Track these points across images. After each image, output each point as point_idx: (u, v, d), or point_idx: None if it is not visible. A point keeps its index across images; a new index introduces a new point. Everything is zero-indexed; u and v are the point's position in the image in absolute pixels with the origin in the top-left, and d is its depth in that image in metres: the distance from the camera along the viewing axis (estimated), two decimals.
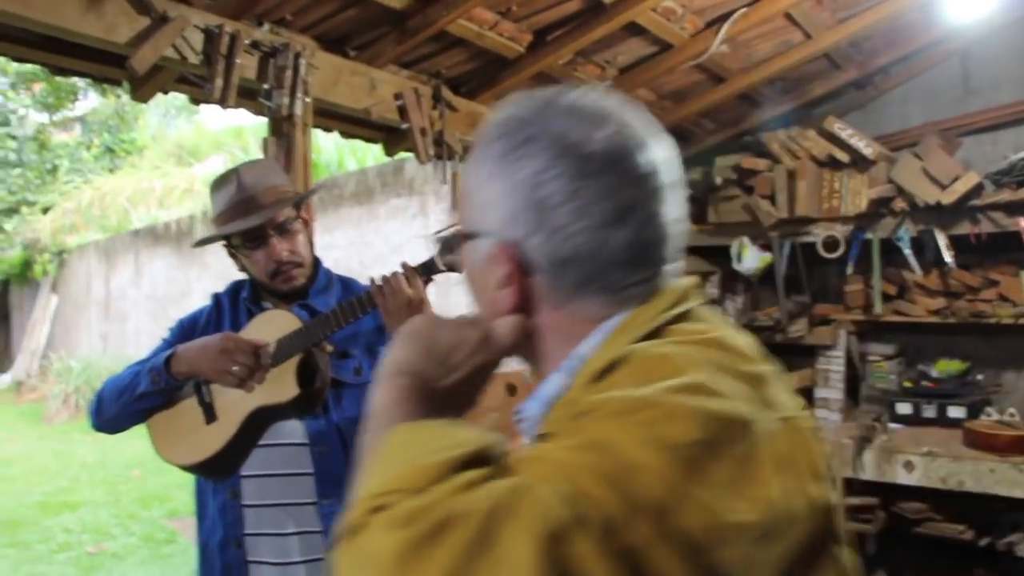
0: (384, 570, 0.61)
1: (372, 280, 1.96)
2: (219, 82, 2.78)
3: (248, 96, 3.09)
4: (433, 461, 0.69)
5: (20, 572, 5.34)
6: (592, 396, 0.75)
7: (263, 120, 3.14)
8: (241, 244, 2.09)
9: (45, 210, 14.66)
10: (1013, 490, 3.61)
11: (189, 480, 2.17)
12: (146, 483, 7.66)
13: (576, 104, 0.88)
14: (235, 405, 2.00)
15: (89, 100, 17.80)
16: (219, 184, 2.13)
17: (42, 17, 2.48)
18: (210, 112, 20.16)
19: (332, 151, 12.82)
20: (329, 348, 2.05)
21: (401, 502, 0.65)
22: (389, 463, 0.73)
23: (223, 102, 2.80)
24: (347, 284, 2.25)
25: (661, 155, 0.89)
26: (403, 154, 3.84)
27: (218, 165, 14.14)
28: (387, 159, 8.75)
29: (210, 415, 2.03)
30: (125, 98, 17.07)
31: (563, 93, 0.90)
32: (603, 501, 0.63)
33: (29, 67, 14.71)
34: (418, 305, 1.92)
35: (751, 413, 0.74)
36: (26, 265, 15.25)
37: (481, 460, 0.69)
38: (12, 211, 14.95)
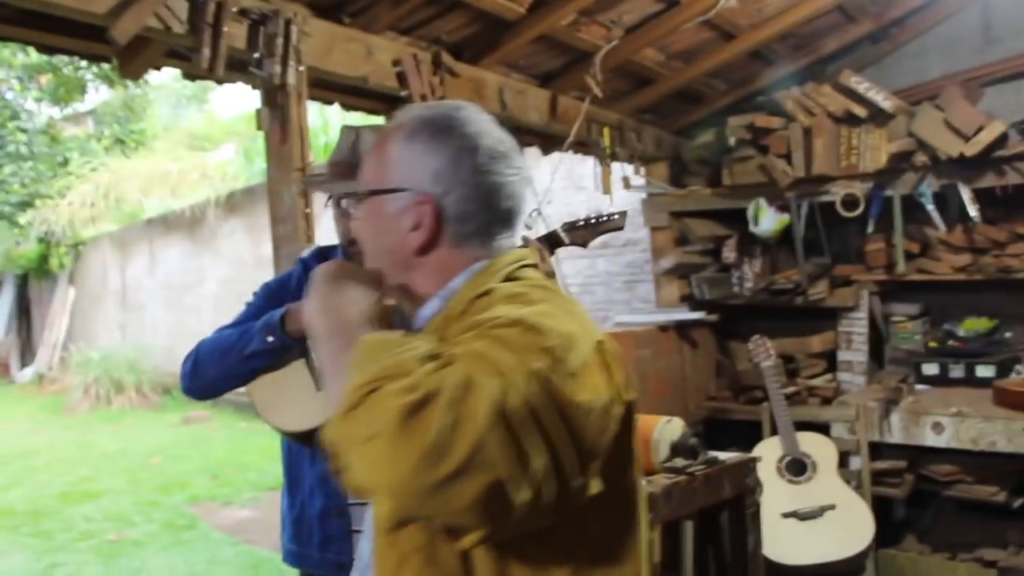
0: (392, 424, 0.90)
1: None
2: (206, 52, 2.67)
3: (240, 68, 2.98)
4: (409, 356, 0.98)
5: (43, 561, 5.33)
6: (478, 315, 1.08)
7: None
8: (334, 203, 2.03)
9: (62, 194, 14.65)
10: None
11: (208, 467, 2.09)
12: (166, 470, 7.65)
13: (480, 113, 1.23)
14: None
15: (100, 93, 17.79)
16: (342, 135, 2.08)
17: None
18: (221, 100, 20.10)
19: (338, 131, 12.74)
20: None
21: (394, 382, 0.93)
22: (369, 362, 0.99)
23: (212, 72, 2.70)
24: None
25: (527, 161, 1.27)
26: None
27: (230, 152, 14.11)
28: None
29: (320, 380, 1.95)
30: (134, 89, 17.05)
31: (466, 105, 1.25)
32: (517, 377, 0.95)
33: (35, 59, 14.69)
34: (551, 278, 1.90)
35: (582, 332, 1.08)
36: (43, 258, 15.27)
37: (434, 356, 0.99)
38: (26, 204, 14.95)
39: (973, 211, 4.13)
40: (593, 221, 1.99)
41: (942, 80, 4.62)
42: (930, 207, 4.26)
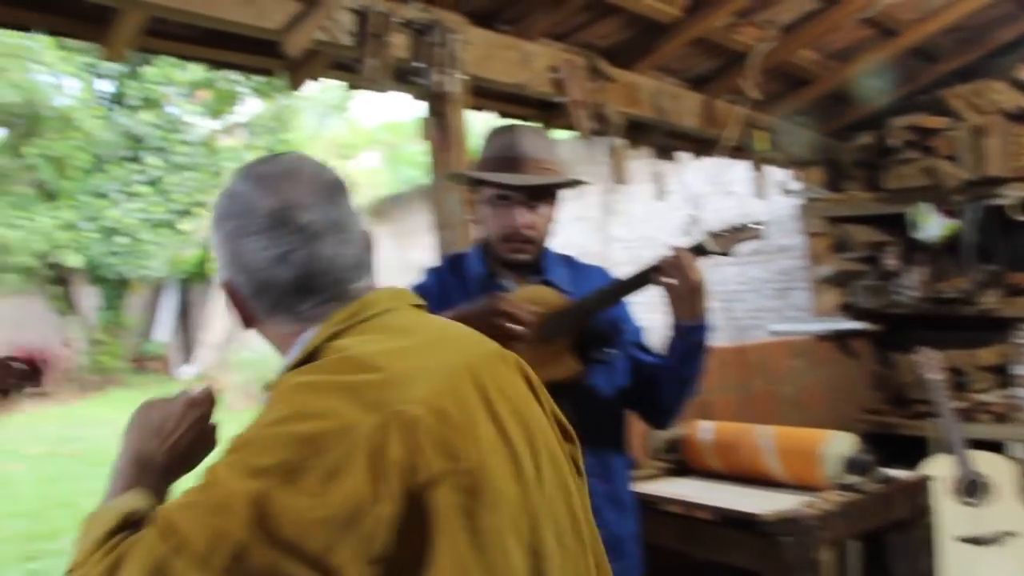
0: None
1: (657, 260, 1.89)
2: (371, 62, 2.74)
3: (402, 78, 3.04)
4: (90, 541, 0.96)
5: None
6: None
7: (414, 114, 3.08)
8: (493, 197, 2.00)
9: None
10: None
11: None
12: None
13: (260, 172, 1.13)
14: None
15: (253, 105, 18.66)
16: (496, 134, 2.07)
17: (200, 9, 2.50)
18: (363, 109, 20.67)
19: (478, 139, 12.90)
20: (605, 324, 2.01)
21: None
22: (76, 548, 0.98)
23: (377, 83, 2.76)
24: (572, 261, 2.15)
25: (319, 210, 1.12)
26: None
27: (373, 160, 14.51)
28: None
29: None
30: (283, 100, 17.81)
31: (260, 161, 1.17)
32: (196, 531, 0.89)
33: (195, 75, 15.54)
34: (699, 286, 1.86)
35: (341, 423, 0.94)
36: (202, 263, 16.14)
37: (127, 524, 0.96)
38: (187, 212, 15.84)
39: None
40: (733, 230, 1.90)
41: None
42: None
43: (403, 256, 10.55)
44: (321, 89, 23.18)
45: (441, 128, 2.95)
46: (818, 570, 2.37)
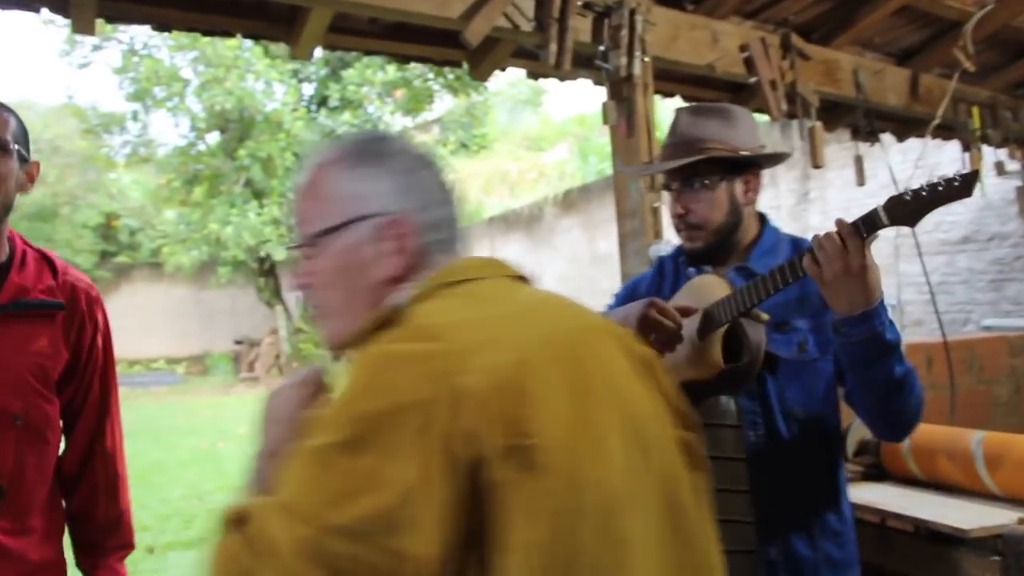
0: None
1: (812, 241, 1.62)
2: (553, 47, 2.69)
3: (584, 64, 2.98)
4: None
5: None
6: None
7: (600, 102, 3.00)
8: (666, 189, 1.90)
9: None
10: None
11: None
12: None
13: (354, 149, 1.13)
14: None
15: (446, 102, 19.20)
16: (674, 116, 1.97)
17: (382, 2, 2.54)
18: (554, 102, 20.86)
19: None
20: (764, 317, 1.75)
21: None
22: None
23: (559, 67, 2.71)
24: (797, 244, 1.91)
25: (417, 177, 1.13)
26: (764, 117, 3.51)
27: (564, 152, 14.56)
28: None
29: None
30: (476, 96, 18.22)
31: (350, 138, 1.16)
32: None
33: (392, 76, 16.16)
34: (859, 271, 1.55)
35: (404, 398, 0.88)
36: None
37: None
38: None
39: None
40: (925, 191, 1.51)
41: None
42: None
43: (592, 246, 10.53)
44: (512, 83, 23.62)
45: (625, 113, 2.86)
46: None
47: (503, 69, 3.59)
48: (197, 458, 8.50)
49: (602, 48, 2.82)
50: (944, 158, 5.35)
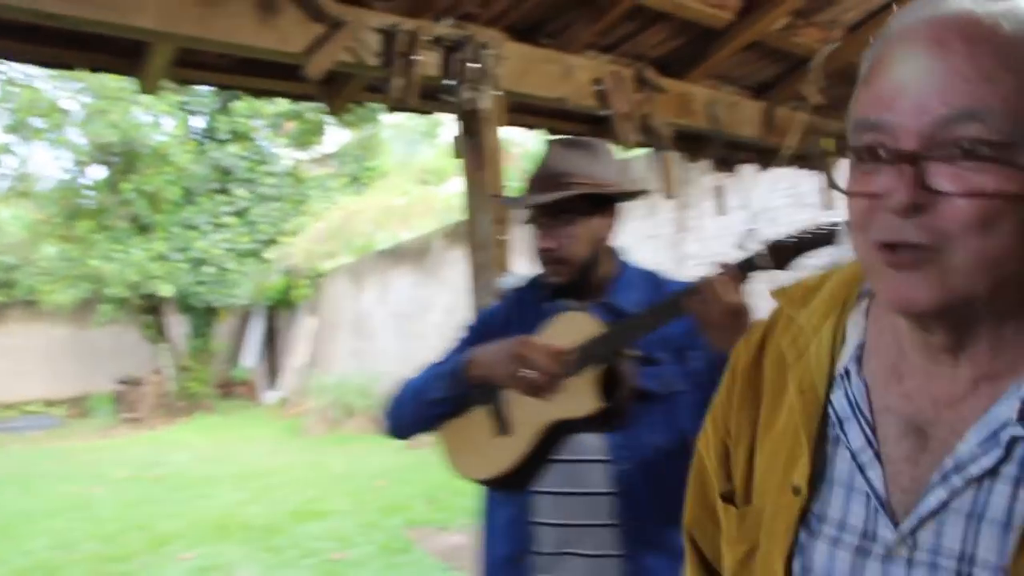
0: None
1: (691, 283, 1.70)
2: (399, 81, 2.66)
3: (436, 98, 2.96)
4: None
5: (271, 575, 5.62)
6: None
7: (509, 138, 2.98)
8: (529, 222, 1.90)
9: (300, 231, 15.84)
10: None
11: (427, 491, 2.00)
12: (389, 493, 7.87)
13: None
14: (531, 417, 1.81)
15: (340, 135, 19.04)
16: (542, 149, 1.99)
17: (221, 36, 2.46)
18: (451, 134, 20.93)
19: None
20: (636, 353, 1.80)
21: None
22: None
23: (405, 102, 2.68)
24: (657, 280, 1.96)
25: None
26: (628, 152, 3.56)
27: (459, 186, 14.59)
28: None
29: (503, 427, 1.86)
30: (369, 129, 18.11)
31: None
32: None
33: (283, 108, 15.93)
34: (741, 313, 1.63)
35: None
36: (286, 290, 16.47)
37: None
38: (272, 242, 16.23)
39: None
40: (795, 239, 1.61)
41: None
42: None
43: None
44: (409, 116, 23.62)
45: (474, 147, 2.84)
46: None
47: (361, 104, 3.55)
48: (67, 506, 8.09)
49: (450, 82, 2.80)
50: (813, 187, 5.52)
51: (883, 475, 0.78)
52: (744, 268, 1.64)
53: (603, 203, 1.86)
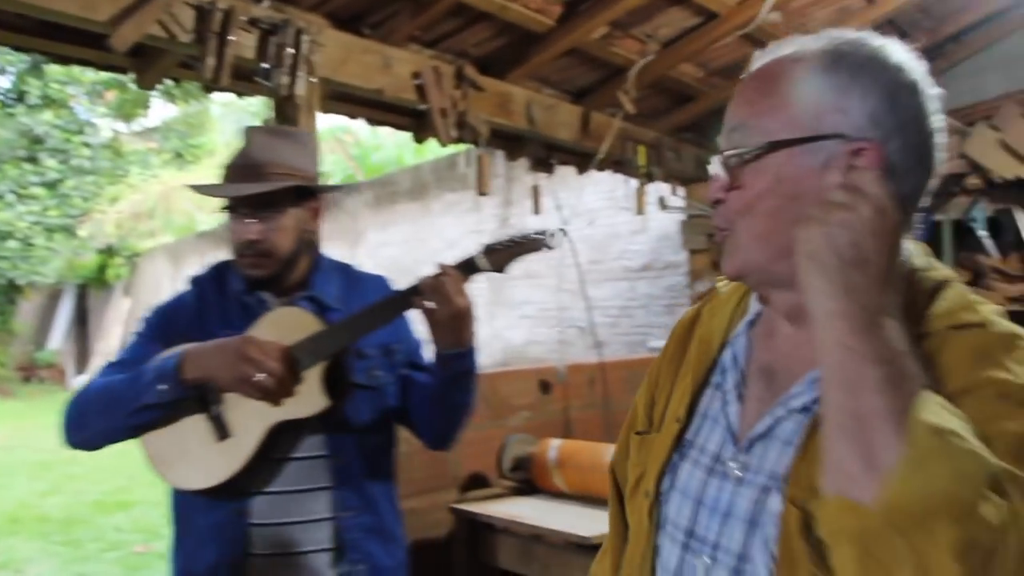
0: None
1: (415, 282, 1.72)
2: (211, 61, 2.61)
3: (251, 79, 2.91)
4: (972, 476, 0.73)
5: (68, 571, 5.34)
6: (981, 367, 0.83)
7: (348, 121, 2.95)
8: (228, 212, 1.82)
9: (113, 201, 15.07)
10: None
11: None
12: None
13: (895, 43, 0.95)
14: (251, 419, 1.72)
15: (166, 109, 18.22)
16: (240, 137, 1.90)
17: None
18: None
19: (392, 149, 12.80)
20: (352, 349, 1.82)
21: (950, 521, 0.71)
22: (924, 464, 0.74)
23: (216, 82, 2.64)
24: (350, 273, 1.98)
25: None
26: (457, 147, 3.60)
27: None
28: (443, 154, 8.63)
29: (222, 431, 1.73)
30: (196, 104, 17.42)
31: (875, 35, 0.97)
32: None
33: (104, 75, 15.07)
34: (465, 313, 1.70)
35: None
36: (101, 269, 15.65)
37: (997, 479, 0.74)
38: (85, 217, 15.37)
39: None
40: (511, 243, 1.71)
41: (1001, 99, 4.38)
42: (982, 233, 4.02)
43: None
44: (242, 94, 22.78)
45: None
46: None
47: (176, 81, 3.45)
48: None
49: (265, 66, 2.77)
50: (628, 191, 5.76)
51: (740, 411, 0.99)
52: (464, 269, 1.71)
53: (308, 195, 1.84)
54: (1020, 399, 0.80)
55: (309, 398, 1.71)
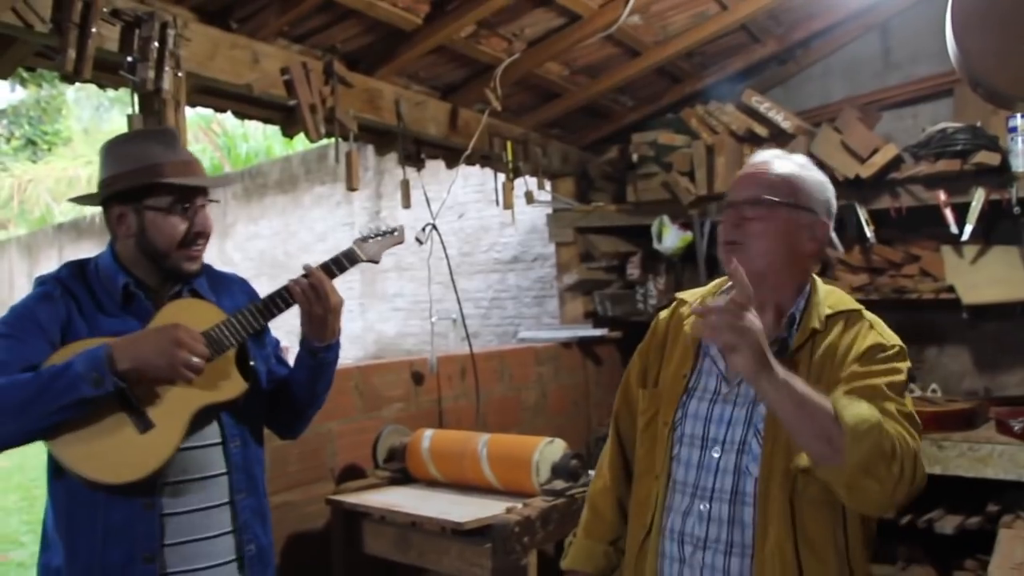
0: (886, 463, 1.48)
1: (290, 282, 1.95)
2: (71, 52, 2.55)
3: (114, 71, 2.86)
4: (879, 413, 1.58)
5: None
6: (859, 339, 1.67)
7: (213, 112, 2.91)
8: (167, 206, 1.86)
9: None
10: (933, 467, 3.54)
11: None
12: None
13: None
14: (172, 408, 1.79)
15: (14, 92, 17.23)
16: (137, 139, 1.99)
17: None
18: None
19: (260, 139, 12.54)
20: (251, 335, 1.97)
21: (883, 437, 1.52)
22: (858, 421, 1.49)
23: (78, 74, 2.58)
24: (210, 270, 2.07)
25: None
26: (328, 140, 3.60)
27: None
28: (312, 146, 8.53)
29: (143, 422, 1.77)
30: (48, 89, 16.55)
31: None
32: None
33: None
34: (335, 310, 1.94)
35: None
36: None
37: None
38: None
39: (869, 232, 4.19)
40: (379, 235, 2.07)
41: (844, 101, 4.70)
42: None
43: None
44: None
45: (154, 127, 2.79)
46: (525, 575, 2.42)
47: (32, 70, 3.34)
48: None
49: (129, 59, 2.72)
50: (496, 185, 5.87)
51: (725, 364, 1.71)
52: (328, 269, 1.95)
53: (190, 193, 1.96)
54: (891, 354, 1.63)
55: (229, 382, 1.86)
